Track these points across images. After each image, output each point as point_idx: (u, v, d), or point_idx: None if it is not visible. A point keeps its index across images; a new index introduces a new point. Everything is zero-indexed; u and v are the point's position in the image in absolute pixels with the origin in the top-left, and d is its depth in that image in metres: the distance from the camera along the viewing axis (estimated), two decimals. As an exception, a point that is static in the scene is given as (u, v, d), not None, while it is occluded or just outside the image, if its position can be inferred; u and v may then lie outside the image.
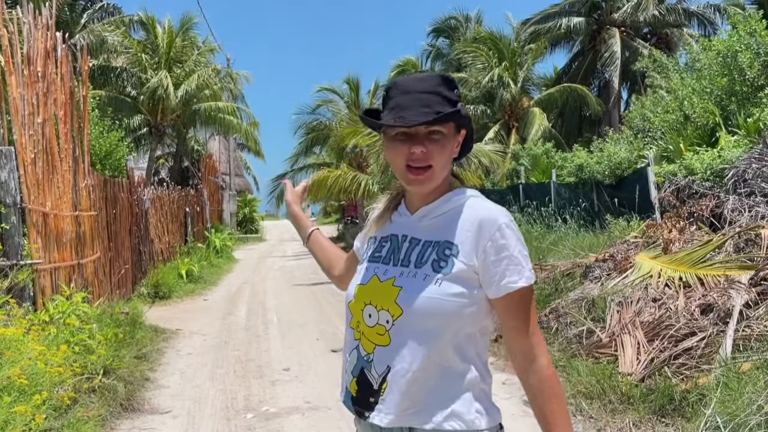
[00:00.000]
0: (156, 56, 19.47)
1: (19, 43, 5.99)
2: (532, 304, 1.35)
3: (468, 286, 1.32)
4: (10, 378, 3.41)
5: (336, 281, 1.82)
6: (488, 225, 1.34)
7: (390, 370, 1.34)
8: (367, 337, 1.38)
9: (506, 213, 1.37)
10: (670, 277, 5.48)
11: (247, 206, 30.81)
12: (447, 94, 1.36)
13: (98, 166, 11.14)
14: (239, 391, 5.29)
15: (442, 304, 1.31)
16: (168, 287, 10.69)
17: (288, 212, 1.93)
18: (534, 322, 1.35)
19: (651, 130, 13.32)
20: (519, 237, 1.35)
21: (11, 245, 5.55)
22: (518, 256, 1.33)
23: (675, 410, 3.76)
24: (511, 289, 1.32)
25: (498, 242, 1.32)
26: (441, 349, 1.32)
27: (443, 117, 1.33)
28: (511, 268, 1.32)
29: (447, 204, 1.41)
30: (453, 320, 1.31)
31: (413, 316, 1.32)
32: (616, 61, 20.79)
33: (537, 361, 1.33)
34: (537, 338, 1.34)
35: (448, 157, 1.39)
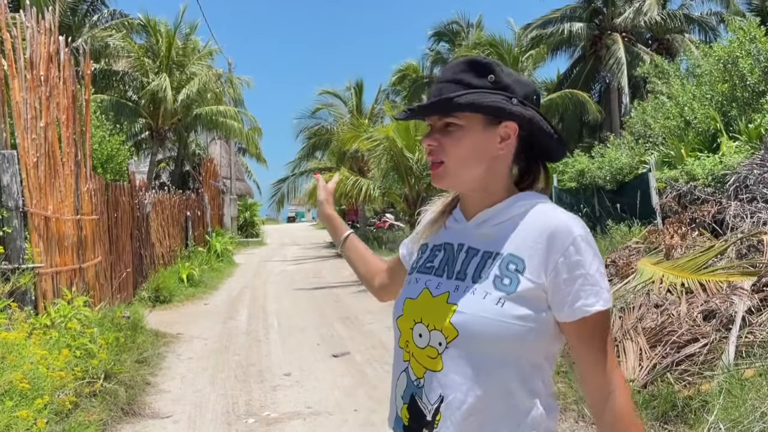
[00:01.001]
0: (157, 60, 19.50)
1: (22, 47, 6.00)
2: (609, 331, 1.17)
3: (535, 307, 1.15)
4: (11, 382, 3.40)
5: (376, 292, 1.67)
6: (561, 237, 1.15)
7: (443, 401, 1.17)
8: (417, 360, 1.22)
9: (581, 224, 1.18)
10: (672, 283, 5.47)
11: (247, 210, 30.82)
12: (471, 80, 1.20)
13: (99, 170, 11.15)
14: (240, 395, 5.29)
15: (504, 327, 1.13)
16: (169, 291, 10.68)
17: (320, 213, 1.76)
18: (611, 352, 1.16)
19: (652, 136, 13.33)
20: (596, 252, 1.15)
21: (13, 249, 5.55)
22: (595, 274, 1.13)
23: (678, 417, 3.75)
24: (587, 313, 1.13)
25: (572, 258, 1.13)
26: (502, 379, 1.15)
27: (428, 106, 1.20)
28: (587, 289, 1.13)
29: (510, 209, 1.23)
30: (516, 346, 1.14)
31: (470, 339, 1.15)
32: (622, 67, 20.77)
33: (613, 398, 1.14)
34: (615, 372, 1.16)
35: (468, 152, 1.20)
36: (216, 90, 20.83)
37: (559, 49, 24.53)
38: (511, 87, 1.21)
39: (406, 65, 27.04)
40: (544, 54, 22.27)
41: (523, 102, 1.20)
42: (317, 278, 14.41)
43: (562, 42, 23.83)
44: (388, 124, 14.45)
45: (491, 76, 1.20)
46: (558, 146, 1.27)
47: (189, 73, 19.72)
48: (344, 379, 5.69)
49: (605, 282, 1.15)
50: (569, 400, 4.44)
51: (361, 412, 4.74)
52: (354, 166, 19.38)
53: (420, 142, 12.48)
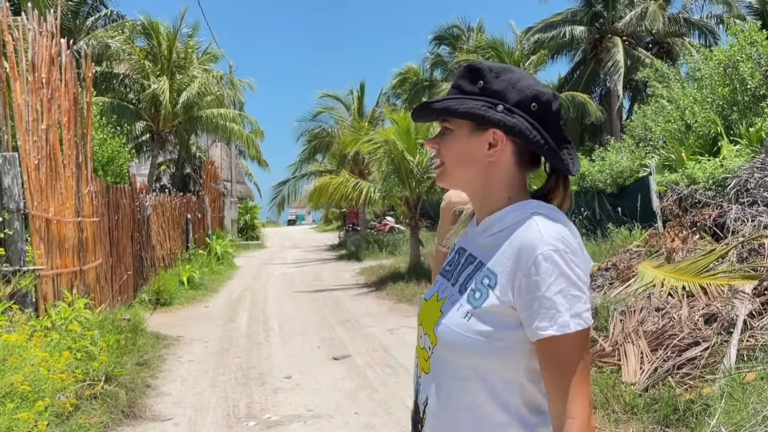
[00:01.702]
0: (158, 63, 19.52)
1: (23, 49, 6.01)
2: (577, 358, 1.08)
3: (500, 324, 1.12)
4: (12, 384, 3.40)
5: None
6: (525, 255, 1.11)
7: (428, 402, 1.22)
8: (420, 360, 1.28)
9: (554, 239, 1.11)
10: (673, 287, 5.47)
11: (248, 213, 30.80)
12: (464, 86, 1.22)
13: (100, 172, 11.15)
14: (241, 398, 5.28)
15: (466, 341, 1.13)
16: (169, 294, 10.68)
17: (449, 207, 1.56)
18: (577, 380, 1.08)
19: (652, 139, 13.34)
20: (564, 271, 1.08)
21: (14, 251, 5.55)
22: (553, 297, 1.07)
23: (679, 420, 3.74)
24: (539, 336, 1.08)
25: (531, 278, 1.09)
26: (470, 391, 1.15)
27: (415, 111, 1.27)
28: (542, 312, 1.08)
29: (505, 219, 1.20)
30: (482, 361, 1.14)
31: (442, 348, 1.18)
32: (619, 70, 20.77)
33: (567, 426, 1.07)
34: (575, 401, 1.07)
35: (460, 156, 1.21)
36: (217, 93, 20.84)
37: (560, 52, 24.54)
38: (502, 93, 1.19)
39: (406, 68, 27.05)
40: (545, 57, 22.32)
41: (510, 109, 1.17)
42: (317, 281, 14.40)
43: (564, 45, 23.84)
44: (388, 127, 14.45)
45: (480, 82, 1.21)
46: (552, 157, 1.20)
47: (190, 75, 19.74)
48: (345, 382, 5.68)
49: (572, 305, 1.07)
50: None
51: (362, 415, 4.73)
52: (354, 169, 19.39)
53: (421, 146, 12.50)
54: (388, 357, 6.53)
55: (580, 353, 1.09)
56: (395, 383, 5.54)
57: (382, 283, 12.33)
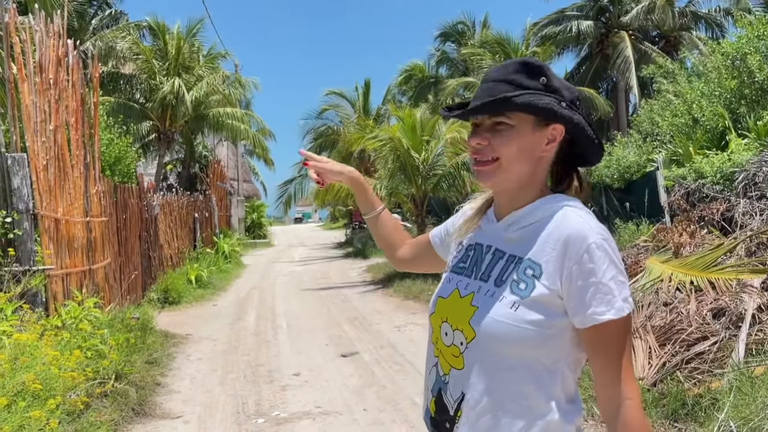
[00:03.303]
0: (165, 63, 19.59)
1: (31, 50, 6.05)
2: (626, 341, 1.15)
3: (549, 313, 1.16)
4: (24, 383, 3.44)
5: (394, 260, 1.73)
6: (575, 244, 1.14)
7: (464, 398, 1.22)
8: (444, 357, 1.27)
9: (600, 230, 1.16)
10: (681, 281, 5.45)
11: (255, 212, 30.86)
12: (523, 81, 1.20)
13: (108, 172, 11.21)
14: (250, 396, 5.31)
15: (516, 331, 1.15)
16: (177, 293, 10.73)
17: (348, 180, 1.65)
18: (626, 362, 1.14)
19: (660, 134, 13.28)
20: (613, 259, 1.14)
21: (24, 251, 5.60)
22: (608, 283, 1.12)
23: (688, 415, 3.74)
24: (597, 321, 1.12)
25: (585, 266, 1.13)
26: (516, 381, 1.17)
27: (486, 105, 1.20)
28: (599, 297, 1.12)
29: (536, 212, 1.23)
30: (530, 350, 1.16)
31: (485, 341, 1.18)
32: (630, 66, 20.67)
33: (623, 409, 1.12)
34: (628, 382, 1.14)
35: (518, 151, 1.20)
36: (223, 92, 20.90)
37: (567, 47, 24.47)
38: (560, 90, 1.22)
39: (412, 65, 27.05)
40: (551, 52, 22.23)
41: (570, 106, 1.22)
42: (325, 279, 14.43)
43: (570, 40, 23.77)
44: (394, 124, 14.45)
45: (543, 79, 1.22)
46: (597, 151, 1.27)
47: (196, 75, 19.80)
48: (353, 379, 5.70)
49: (621, 290, 1.13)
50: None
51: (370, 412, 4.75)
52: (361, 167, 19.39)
53: (426, 143, 12.49)
54: (396, 354, 6.54)
55: (629, 336, 1.15)
56: (403, 380, 5.55)
57: (389, 280, 12.34)
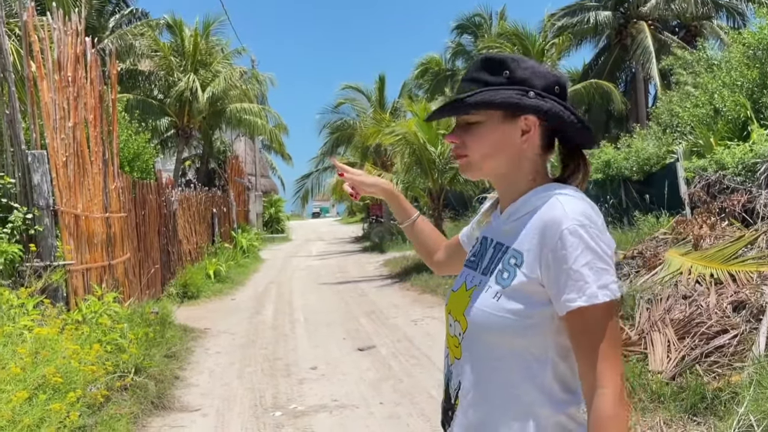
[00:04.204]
0: (183, 59, 19.73)
1: (49, 48, 6.12)
2: (603, 329, 1.11)
3: (530, 302, 1.16)
4: (45, 376, 3.49)
5: (432, 266, 1.74)
6: (550, 231, 1.14)
7: (460, 387, 1.26)
8: (450, 347, 1.31)
9: (578, 215, 1.14)
10: (701, 274, 5.38)
11: (273, 206, 31.03)
12: (486, 78, 1.23)
13: (126, 168, 11.32)
14: (267, 389, 5.35)
15: (498, 320, 1.17)
16: (196, 287, 10.83)
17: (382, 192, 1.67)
18: (606, 351, 1.10)
19: (680, 125, 13.10)
20: (589, 245, 1.11)
21: (45, 247, 5.68)
22: (580, 269, 1.10)
23: (707, 409, 3.70)
24: (569, 308, 1.11)
25: (558, 252, 1.12)
26: (504, 371, 1.18)
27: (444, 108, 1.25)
28: (570, 284, 1.10)
29: (528, 203, 1.23)
30: (514, 339, 1.17)
31: (474, 331, 1.21)
32: (650, 57, 20.35)
33: (595, 400, 1.09)
34: (605, 372, 1.09)
35: (490, 146, 1.23)
36: (241, 87, 21.00)
37: (585, 38, 24.19)
38: (529, 80, 1.22)
39: (428, 58, 26.94)
40: (569, 44, 22.00)
41: (540, 94, 1.21)
42: (342, 273, 14.47)
43: (588, 31, 23.48)
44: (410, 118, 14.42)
45: (506, 72, 1.23)
46: (584, 134, 1.26)
47: (214, 71, 19.91)
48: (369, 373, 5.72)
49: (599, 277, 1.10)
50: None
51: (387, 405, 4.76)
52: (377, 161, 19.40)
53: (443, 136, 12.44)
54: (413, 347, 6.55)
55: (609, 324, 1.11)
56: (419, 373, 5.56)
57: (406, 274, 12.34)
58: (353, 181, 1.66)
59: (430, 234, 1.74)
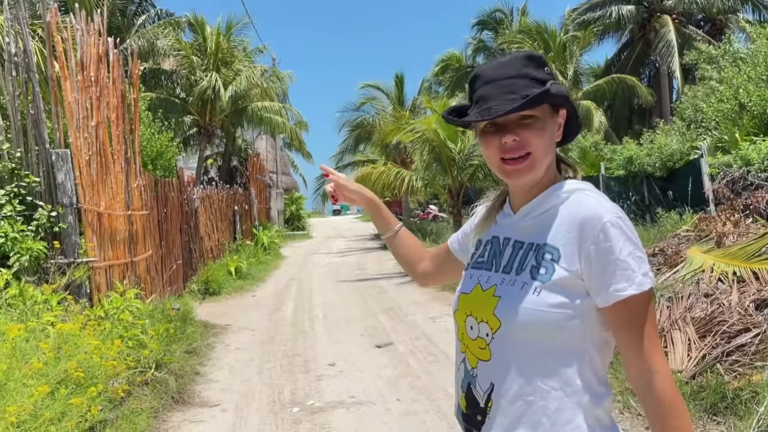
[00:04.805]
0: (205, 58, 19.92)
1: (72, 49, 6.23)
2: (649, 315, 1.16)
3: (571, 295, 1.17)
4: (67, 371, 3.56)
5: (417, 277, 1.74)
6: (591, 225, 1.17)
7: (494, 388, 1.24)
8: (471, 351, 1.29)
9: (613, 209, 1.18)
10: (723, 272, 5.31)
11: (294, 204, 31.21)
12: (535, 74, 1.23)
13: (150, 166, 11.46)
14: (286, 385, 5.39)
15: (541, 315, 1.17)
16: (218, 284, 10.94)
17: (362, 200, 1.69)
18: (651, 336, 1.15)
19: (704, 121, 12.91)
20: (630, 236, 1.16)
21: (68, 244, 5.79)
22: (626, 259, 1.14)
23: (727, 408, 3.65)
24: (618, 297, 1.14)
25: (602, 245, 1.15)
26: (545, 366, 1.20)
27: (532, 100, 1.18)
28: (618, 274, 1.14)
29: (549, 200, 1.26)
30: (556, 334, 1.18)
31: (512, 329, 1.20)
32: (672, 51, 20.05)
33: (654, 381, 1.14)
34: (655, 356, 1.15)
35: (548, 141, 1.24)
36: (262, 86, 21.14)
37: (607, 33, 23.91)
38: (556, 78, 1.30)
39: (448, 55, 26.82)
40: (591, 38, 21.77)
41: None
42: (362, 270, 14.51)
43: (610, 26, 23.20)
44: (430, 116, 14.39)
45: (547, 69, 1.26)
46: (578, 129, 1.33)
47: (235, 69, 20.08)
48: (387, 370, 5.73)
49: (640, 265, 1.15)
50: (614, 391, 4.37)
51: (404, 402, 4.77)
52: (397, 158, 19.41)
53: (462, 133, 12.40)
54: (431, 345, 6.55)
55: (652, 310, 1.17)
56: (437, 371, 5.55)
57: (426, 271, 12.31)
58: (337, 184, 1.67)
59: (412, 245, 1.73)
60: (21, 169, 5.80)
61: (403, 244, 1.72)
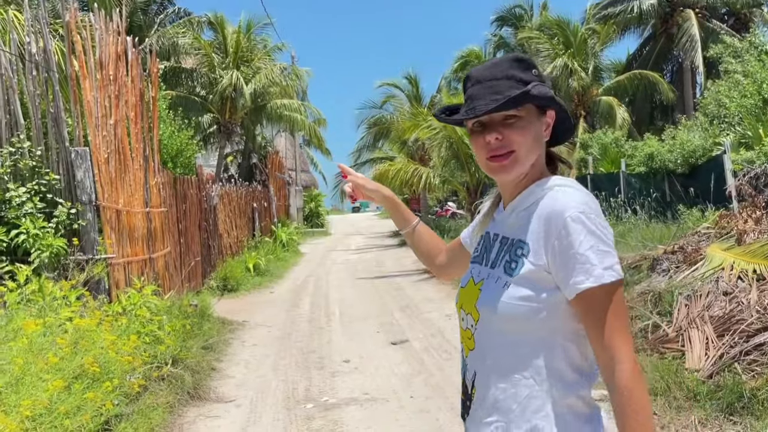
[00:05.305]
0: (226, 56, 20.06)
1: (91, 48, 6.30)
2: (612, 307, 1.17)
3: (537, 288, 1.22)
4: (83, 366, 3.62)
5: (436, 271, 1.79)
6: (554, 220, 1.21)
7: (476, 376, 1.31)
8: (464, 341, 1.38)
9: (579, 204, 1.20)
10: (743, 270, 5.22)
11: (312, 201, 31.32)
12: (521, 75, 1.28)
13: (170, 164, 11.58)
14: (300, 381, 5.42)
15: (509, 308, 1.23)
16: (236, 280, 11.03)
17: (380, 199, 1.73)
18: (615, 327, 1.16)
19: (728, 116, 12.69)
20: (592, 230, 1.18)
21: (87, 241, 5.87)
22: (585, 253, 1.17)
23: (744, 408, 3.59)
24: (578, 290, 1.17)
25: (564, 240, 1.19)
26: (517, 355, 1.24)
27: (511, 100, 1.23)
28: (578, 267, 1.17)
29: (531, 196, 1.30)
30: (524, 325, 1.23)
31: (488, 320, 1.28)
32: (696, 45, 19.73)
33: (616, 375, 1.15)
34: (620, 348, 1.16)
35: (532, 141, 1.28)
36: (281, 83, 21.23)
37: (629, 28, 23.60)
38: (546, 79, 1.33)
39: (468, 51, 26.64)
40: (612, 33, 21.52)
41: None
42: (379, 267, 14.51)
43: (632, 21, 22.91)
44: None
45: (535, 71, 1.31)
46: (572, 129, 1.42)
47: (255, 67, 20.19)
48: (402, 367, 5.73)
49: (602, 259, 1.16)
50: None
51: (417, 399, 4.77)
52: (415, 155, 19.38)
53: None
54: (445, 342, 6.53)
55: (617, 303, 1.18)
56: (451, 368, 5.53)
57: (444, 268, 12.29)
58: (355, 184, 1.71)
59: (430, 239, 1.78)
60: (42, 167, 5.89)
61: (421, 239, 1.77)
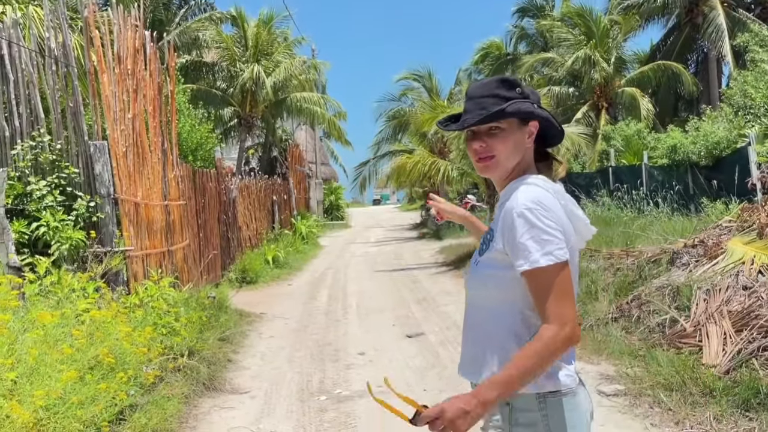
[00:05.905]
0: (246, 50, 20.15)
1: (110, 42, 6.37)
2: (551, 286, 1.44)
3: (497, 267, 1.55)
4: (97, 357, 3.67)
5: None
6: (507, 214, 1.51)
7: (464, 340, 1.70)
8: None
9: (527, 201, 1.48)
10: (764, 264, 5.12)
11: (332, 194, 31.41)
12: (504, 94, 1.56)
13: (190, 157, 11.69)
14: (315, 373, 5.45)
15: (477, 282, 1.61)
16: (255, 273, 11.11)
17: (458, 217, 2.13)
18: (551, 299, 1.44)
19: (753, 107, 12.42)
20: (533, 223, 1.46)
21: (106, 233, 5.96)
22: (525, 242, 1.46)
23: (760, 404, 3.52)
24: (519, 271, 1.48)
25: (511, 232, 1.49)
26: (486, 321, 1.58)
27: (489, 116, 1.52)
28: (519, 254, 1.48)
29: (508, 192, 1.58)
30: (491, 293, 1.57)
31: (469, 294, 1.66)
32: (722, 35, 19.27)
33: (541, 329, 1.44)
34: (553, 315, 1.43)
35: (512, 147, 1.56)
36: (300, 77, 21.29)
37: (652, 18, 23.16)
38: (531, 96, 1.60)
39: (489, 43, 26.47)
40: (635, 23, 21.15)
41: (539, 105, 1.60)
42: (397, 260, 14.52)
43: (656, 10, 22.46)
44: (467, 104, 14.23)
45: (518, 89, 1.59)
46: (559, 136, 1.67)
47: (275, 61, 20.26)
48: (416, 360, 5.73)
49: (542, 246, 1.44)
50: (645, 385, 4.27)
51: (430, 392, 4.76)
52: (435, 148, 19.30)
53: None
54: (461, 335, 6.50)
55: (557, 281, 1.45)
56: (466, 361, 5.52)
57: (461, 261, 12.25)
58: (438, 208, 2.14)
59: None
60: (61, 161, 5.99)
61: None
